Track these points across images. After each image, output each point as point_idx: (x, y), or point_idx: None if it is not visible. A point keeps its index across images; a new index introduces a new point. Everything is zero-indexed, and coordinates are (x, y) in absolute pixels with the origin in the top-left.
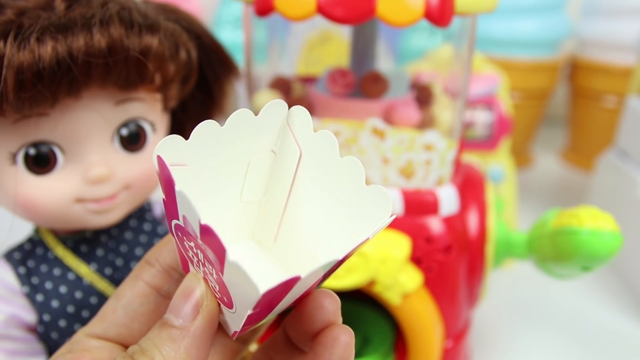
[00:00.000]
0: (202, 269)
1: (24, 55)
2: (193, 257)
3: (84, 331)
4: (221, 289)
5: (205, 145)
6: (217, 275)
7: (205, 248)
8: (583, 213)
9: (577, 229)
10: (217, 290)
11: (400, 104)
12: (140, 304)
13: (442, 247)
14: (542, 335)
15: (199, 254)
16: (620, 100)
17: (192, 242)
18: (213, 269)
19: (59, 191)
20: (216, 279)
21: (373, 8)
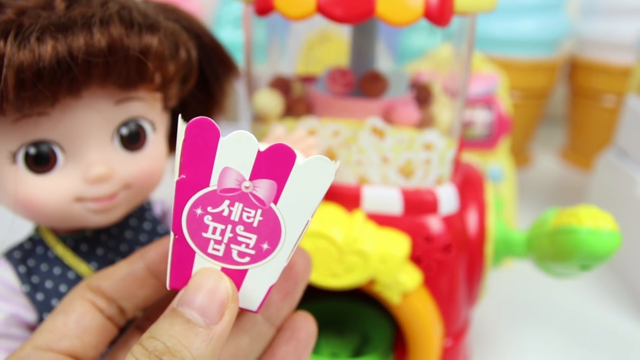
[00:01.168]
0: (228, 235)
1: (24, 55)
2: (215, 230)
3: (31, 345)
4: (261, 235)
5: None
6: (262, 215)
7: (254, 185)
8: (582, 212)
9: (576, 228)
10: (251, 246)
11: (400, 104)
12: (92, 319)
13: (441, 246)
14: (542, 334)
15: (233, 210)
16: (620, 99)
17: (224, 201)
18: (256, 210)
19: (59, 190)
20: (259, 222)
21: (373, 7)
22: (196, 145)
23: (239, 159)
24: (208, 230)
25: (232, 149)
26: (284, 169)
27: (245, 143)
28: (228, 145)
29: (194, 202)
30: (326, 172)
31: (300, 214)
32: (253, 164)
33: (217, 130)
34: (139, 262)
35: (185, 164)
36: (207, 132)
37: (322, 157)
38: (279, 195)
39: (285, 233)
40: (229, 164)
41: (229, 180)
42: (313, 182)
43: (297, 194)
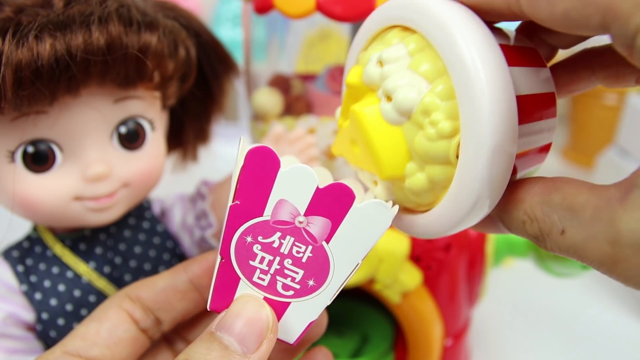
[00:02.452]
0: (275, 266)
1: (23, 53)
2: (263, 260)
3: (61, 349)
4: (309, 271)
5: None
6: (312, 252)
7: (309, 221)
8: None
9: None
10: (297, 280)
11: None
12: (125, 330)
13: (441, 246)
14: (542, 334)
15: (283, 243)
16: (621, 97)
17: (275, 233)
18: (307, 245)
19: (58, 189)
20: (308, 258)
21: (372, 5)
22: (255, 173)
23: (297, 193)
24: (256, 259)
25: (291, 181)
26: (341, 208)
27: (304, 178)
28: (287, 177)
29: (245, 229)
30: (383, 216)
31: (351, 256)
32: (310, 200)
33: (277, 160)
34: (182, 274)
35: (241, 191)
36: (267, 161)
37: (381, 202)
38: (332, 235)
39: (333, 273)
40: (285, 196)
41: (284, 213)
42: (369, 226)
43: (351, 235)
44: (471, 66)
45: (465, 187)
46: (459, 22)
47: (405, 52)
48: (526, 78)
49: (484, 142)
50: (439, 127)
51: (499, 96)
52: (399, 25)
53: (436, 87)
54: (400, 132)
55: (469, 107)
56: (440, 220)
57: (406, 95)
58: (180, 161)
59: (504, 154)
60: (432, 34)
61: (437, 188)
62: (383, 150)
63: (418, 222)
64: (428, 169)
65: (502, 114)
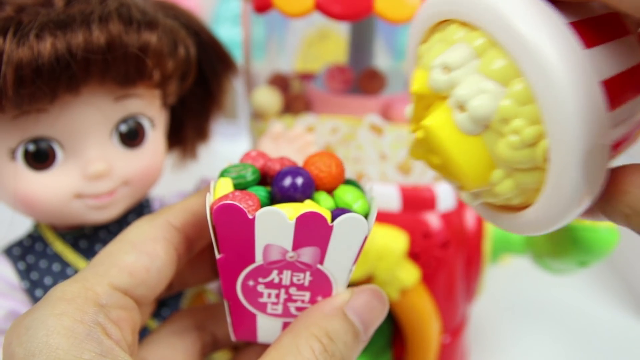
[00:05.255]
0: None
1: (23, 52)
2: (270, 295)
3: (107, 282)
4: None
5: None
6: (311, 275)
7: (299, 254)
8: None
9: (574, 225)
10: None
11: (398, 100)
12: (171, 270)
13: (439, 243)
14: (540, 330)
15: (282, 277)
16: None
17: (272, 272)
18: (304, 272)
19: (58, 187)
20: (309, 281)
21: (371, 5)
22: (230, 229)
23: (277, 234)
24: (264, 296)
25: (268, 227)
26: (322, 234)
27: (278, 220)
28: (263, 224)
29: (245, 276)
30: (359, 226)
31: (345, 265)
32: (292, 236)
33: (244, 214)
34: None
35: (224, 246)
36: (235, 216)
37: (353, 215)
38: (323, 257)
39: (336, 284)
40: (269, 241)
41: (273, 254)
42: (351, 237)
43: (339, 250)
44: (547, 66)
45: (562, 189)
46: (522, 14)
47: (470, 52)
48: (609, 57)
49: (575, 144)
50: (522, 134)
51: (582, 92)
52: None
53: (512, 90)
54: (480, 141)
55: (552, 110)
56: (539, 219)
57: (481, 103)
58: (180, 159)
59: (598, 149)
60: (497, 33)
61: (528, 191)
62: (465, 164)
63: (517, 221)
64: (516, 176)
65: (588, 110)
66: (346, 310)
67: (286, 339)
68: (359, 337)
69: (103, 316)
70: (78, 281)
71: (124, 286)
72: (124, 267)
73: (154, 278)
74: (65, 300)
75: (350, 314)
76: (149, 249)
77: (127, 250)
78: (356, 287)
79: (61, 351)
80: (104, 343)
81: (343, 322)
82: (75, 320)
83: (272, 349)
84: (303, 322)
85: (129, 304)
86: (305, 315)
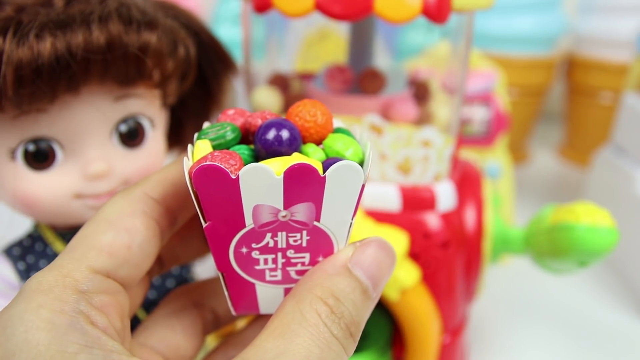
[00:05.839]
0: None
1: (23, 52)
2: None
3: (86, 265)
4: (313, 251)
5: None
6: (308, 234)
7: (292, 212)
8: (580, 209)
9: (573, 225)
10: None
11: (398, 100)
12: (155, 246)
13: (439, 243)
14: (539, 331)
15: (278, 240)
16: (617, 96)
17: (266, 235)
18: (300, 232)
19: (58, 187)
20: (307, 241)
21: (371, 5)
22: (212, 194)
23: (265, 194)
24: (260, 263)
25: (254, 185)
26: (315, 188)
27: (262, 176)
28: (248, 182)
29: (236, 243)
30: (354, 174)
31: (344, 219)
32: (282, 194)
33: (226, 174)
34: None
35: (210, 212)
36: (217, 179)
37: (346, 163)
38: (319, 213)
39: (336, 241)
40: (257, 201)
41: (264, 215)
42: (347, 187)
43: (335, 204)
44: None
45: None
46: None
47: None
48: None
49: None
50: None
51: None
52: None
53: None
54: None
55: None
56: None
57: None
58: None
59: None
60: None
61: None
62: None
63: None
64: None
65: None
66: (350, 266)
67: (289, 305)
68: (368, 294)
69: (85, 303)
70: (54, 269)
71: (105, 268)
72: (102, 248)
73: (136, 255)
74: (42, 292)
75: (356, 270)
76: (128, 225)
77: (104, 229)
78: (359, 241)
79: (42, 347)
80: (89, 333)
81: (349, 280)
82: (55, 312)
83: (275, 318)
84: (305, 284)
85: (113, 287)
86: (307, 277)
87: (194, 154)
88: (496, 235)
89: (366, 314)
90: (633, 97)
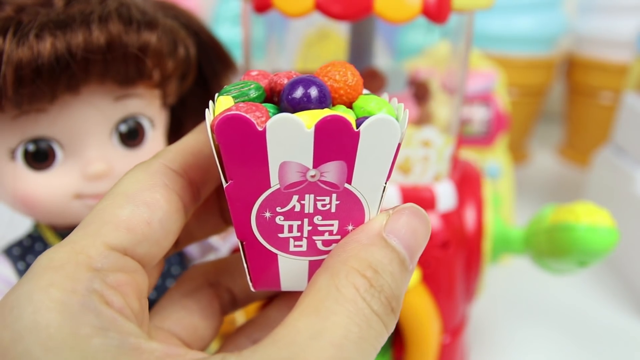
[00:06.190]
0: (307, 228)
1: (23, 52)
2: (292, 228)
3: (102, 241)
4: (343, 218)
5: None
6: (338, 199)
7: (321, 171)
8: (580, 209)
9: (573, 225)
10: (335, 232)
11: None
12: (178, 222)
13: (439, 243)
14: (539, 331)
15: (305, 204)
16: (617, 96)
17: (292, 197)
18: (329, 195)
19: (58, 187)
20: (336, 206)
21: (371, 5)
22: (237, 147)
23: (294, 148)
24: (284, 231)
25: (282, 139)
26: (348, 144)
27: (293, 128)
28: (275, 136)
29: (259, 206)
30: (391, 130)
31: (377, 181)
32: (312, 149)
33: (252, 125)
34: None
35: (232, 170)
36: (242, 131)
37: (383, 117)
38: (351, 174)
39: (368, 208)
40: (285, 157)
41: (291, 174)
42: (382, 145)
43: (369, 163)
44: None
45: None
46: None
47: None
48: None
49: None
50: None
51: None
52: None
53: None
54: None
55: None
56: None
57: None
58: None
59: None
60: None
61: None
62: None
63: None
64: None
65: None
66: (385, 235)
67: (322, 280)
68: (406, 265)
69: (99, 282)
70: (66, 245)
71: (122, 244)
72: (119, 223)
73: (157, 232)
74: (52, 269)
75: (391, 239)
76: (147, 199)
77: (121, 203)
78: (391, 208)
79: (53, 329)
80: (103, 314)
81: (385, 250)
82: (66, 291)
83: (307, 295)
84: (338, 256)
85: (131, 265)
86: (340, 248)
87: (215, 109)
88: (496, 235)
89: (404, 286)
90: (633, 97)
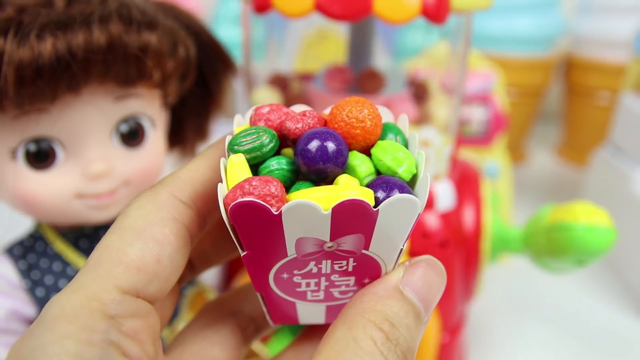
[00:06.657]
0: (324, 284)
1: (24, 52)
2: (309, 284)
3: (114, 285)
4: (359, 274)
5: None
6: (355, 261)
7: (338, 243)
8: (578, 208)
9: (572, 225)
10: (352, 285)
11: (397, 101)
12: (185, 255)
13: (438, 242)
14: (538, 330)
15: (322, 267)
16: (614, 97)
17: (309, 263)
18: (347, 259)
19: (59, 187)
20: (354, 266)
21: (370, 5)
22: (251, 228)
23: (310, 228)
24: (302, 286)
25: (299, 221)
26: (365, 221)
27: (310, 213)
28: (292, 220)
29: (277, 270)
30: (411, 206)
31: (395, 245)
32: (329, 228)
33: (267, 210)
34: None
35: (248, 244)
36: (257, 215)
37: (402, 197)
38: (368, 243)
39: (384, 265)
40: (301, 234)
41: (308, 247)
42: (401, 218)
43: (387, 234)
44: None
45: None
46: None
47: None
48: None
49: None
50: None
51: None
52: None
53: None
54: None
55: None
56: None
57: None
58: (180, 159)
59: None
60: None
61: None
62: None
63: None
64: None
65: None
66: (402, 288)
67: (340, 332)
68: (421, 318)
69: (116, 332)
70: (77, 290)
71: (135, 286)
72: (129, 263)
73: (166, 268)
74: (66, 319)
75: (408, 292)
76: (157, 235)
77: (130, 240)
78: (407, 261)
79: None
80: None
81: (402, 303)
82: (83, 343)
83: (325, 346)
84: (355, 308)
85: (144, 308)
86: (357, 299)
87: (227, 173)
88: (495, 235)
89: (419, 339)
90: (630, 98)
